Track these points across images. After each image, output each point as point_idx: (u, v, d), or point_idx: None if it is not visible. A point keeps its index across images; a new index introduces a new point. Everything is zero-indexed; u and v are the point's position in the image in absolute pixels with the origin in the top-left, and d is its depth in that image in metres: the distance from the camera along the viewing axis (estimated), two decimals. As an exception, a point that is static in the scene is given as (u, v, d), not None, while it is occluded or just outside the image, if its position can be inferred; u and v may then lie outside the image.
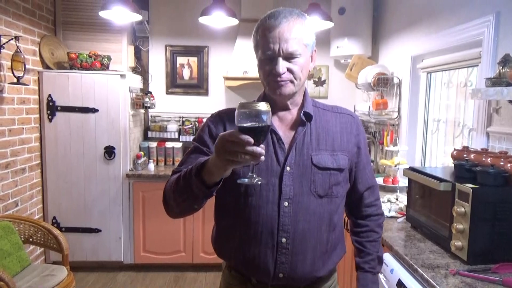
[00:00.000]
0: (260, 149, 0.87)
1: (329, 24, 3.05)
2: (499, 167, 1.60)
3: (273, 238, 1.13)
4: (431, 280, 1.42)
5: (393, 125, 3.20)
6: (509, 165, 1.58)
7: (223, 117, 1.23)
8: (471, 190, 1.51)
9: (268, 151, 1.14)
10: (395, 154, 2.97)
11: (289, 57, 1.09)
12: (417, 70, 2.96)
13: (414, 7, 2.93)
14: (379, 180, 2.91)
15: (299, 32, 1.10)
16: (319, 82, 4.07)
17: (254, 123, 0.87)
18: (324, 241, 1.18)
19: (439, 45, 2.56)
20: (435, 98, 2.90)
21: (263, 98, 1.23)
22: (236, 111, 0.89)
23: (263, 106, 0.88)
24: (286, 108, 1.20)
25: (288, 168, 1.14)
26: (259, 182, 0.96)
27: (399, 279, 1.61)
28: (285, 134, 1.18)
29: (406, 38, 3.07)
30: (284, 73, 1.10)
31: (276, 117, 1.19)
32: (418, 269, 1.52)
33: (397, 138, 3.09)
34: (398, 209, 2.29)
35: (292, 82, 1.12)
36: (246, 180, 0.95)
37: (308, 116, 1.19)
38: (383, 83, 3.15)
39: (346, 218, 1.43)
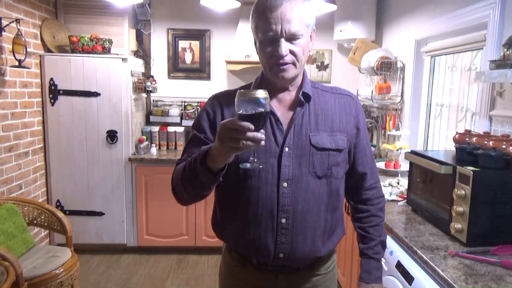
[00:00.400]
0: (261, 134, 0.90)
1: (332, 7, 3.00)
2: (501, 150, 1.59)
3: (273, 219, 1.14)
4: (430, 262, 1.43)
5: (396, 109, 3.19)
6: (511, 148, 1.57)
7: (220, 99, 1.23)
8: (472, 172, 1.51)
9: (266, 132, 1.14)
10: (397, 138, 2.96)
11: (291, 38, 1.07)
12: (421, 54, 2.92)
13: (419, -11, 2.88)
14: (381, 165, 2.91)
15: (301, 11, 1.08)
16: (322, 67, 4.04)
17: (253, 110, 0.90)
18: (323, 221, 1.19)
19: (444, 28, 2.52)
20: (438, 82, 2.87)
21: (261, 80, 1.22)
22: (235, 99, 0.92)
23: (261, 93, 0.91)
24: (285, 89, 1.19)
25: (286, 149, 1.14)
26: (261, 166, 1.02)
27: (398, 260, 1.62)
28: (284, 115, 1.18)
29: (410, 21, 3.03)
30: (286, 55, 1.08)
31: (274, 98, 1.19)
32: (418, 251, 1.53)
33: (399, 123, 3.07)
34: (399, 193, 2.29)
35: (294, 64, 1.11)
36: (248, 165, 1.01)
37: (307, 97, 1.18)
38: (386, 67, 3.12)
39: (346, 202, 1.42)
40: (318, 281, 1.24)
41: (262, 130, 0.92)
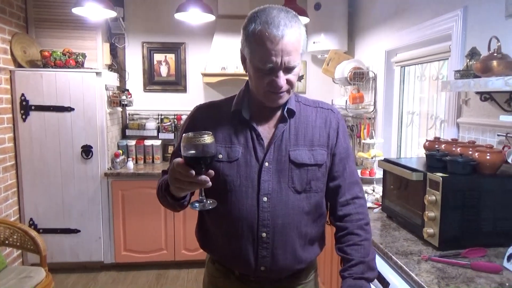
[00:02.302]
0: (204, 177, 0.95)
1: (305, 20, 3.08)
2: (467, 156, 1.66)
3: (253, 233, 1.15)
4: (404, 266, 1.47)
5: (370, 118, 3.27)
6: (476, 154, 1.64)
7: (203, 110, 1.26)
8: (441, 178, 1.56)
9: (247, 147, 1.16)
10: (371, 146, 3.04)
11: (289, 68, 1.08)
12: (391, 64, 3.02)
13: (388, 2, 2.99)
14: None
15: (299, 42, 1.08)
16: (298, 78, 4.10)
17: (198, 153, 0.94)
18: (304, 235, 1.20)
19: (412, 39, 2.62)
20: (409, 91, 2.97)
21: (244, 94, 1.22)
22: (182, 141, 0.96)
23: (206, 138, 0.95)
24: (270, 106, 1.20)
25: (266, 164, 1.15)
26: (210, 207, 1.03)
27: (375, 267, 1.65)
28: (266, 130, 1.19)
29: (380, 33, 3.13)
30: (283, 85, 1.09)
31: (258, 113, 1.20)
32: (392, 256, 1.57)
33: (373, 131, 3.15)
34: (374, 200, 2.35)
35: (288, 91, 1.13)
36: (197, 206, 1.03)
37: (291, 113, 1.19)
38: (359, 77, 3.20)
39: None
40: None
41: (210, 171, 0.97)
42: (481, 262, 1.46)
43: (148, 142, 3.80)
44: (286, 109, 1.19)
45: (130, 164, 3.54)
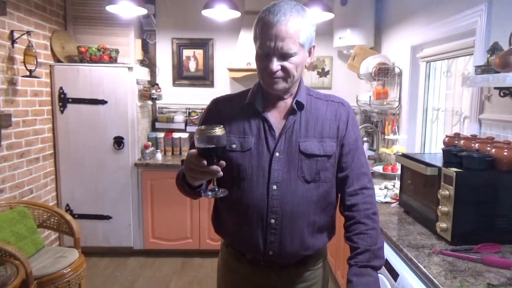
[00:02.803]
0: (216, 167, 1.03)
1: (329, 15, 3.10)
2: (484, 152, 1.66)
3: (263, 219, 1.22)
4: (414, 259, 1.50)
5: (394, 114, 3.25)
6: (494, 150, 1.64)
7: (220, 103, 1.34)
8: (454, 173, 1.57)
9: (260, 137, 1.23)
10: (394, 142, 3.02)
11: (284, 55, 1.13)
12: (417, 59, 2.99)
13: (414, -3, 2.95)
14: (379, 168, 2.97)
15: (296, 30, 1.12)
16: (323, 73, 4.12)
17: (210, 145, 1.02)
18: (312, 223, 1.25)
19: (437, 34, 2.59)
20: (434, 87, 2.93)
21: (258, 86, 1.30)
22: (195, 134, 1.04)
23: (218, 131, 1.03)
24: (281, 97, 1.26)
25: (277, 154, 1.22)
26: (222, 195, 1.12)
27: (386, 258, 1.68)
28: (277, 121, 1.25)
29: (406, 28, 3.10)
30: (277, 71, 1.15)
31: (271, 105, 1.27)
32: (404, 249, 1.60)
33: (397, 127, 3.14)
34: (393, 195, 2.36)
35: (285, 79, 1.18)
36: (210, 194, 1.12)
37: (300, 105, 1.25)
38: (383, 73, 3.19)
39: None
40: (308, 276, 1.32)
41: (222, 162, 1.05)
42: (492, 257, 1.46)
43: (176, 135, 3.94)
44: (295, 101, 1.24)
45: (159, 156, 3.70)
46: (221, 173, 1.04)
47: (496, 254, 1.53)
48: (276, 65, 1.14)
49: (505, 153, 1.60)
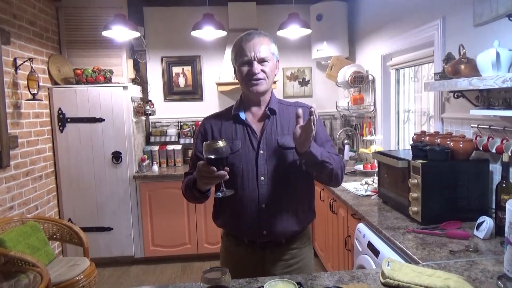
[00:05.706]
0: (223, 172, 1.29)
1: (307, 31, 3.42)
2: (444, 145, 1.97)
3: (256, 205, 1.51)
4: (391, 238, 1.79)
5: (370, 117, 3.58)
6: (452, 143, 1.95)
7: (210, 121, 1.62)
8: (421, 164, 1.88)
9: (245, 140, 1.53)
10: (372, 143, 3.34)
11: (261, 61, 1.45)
12: (387, 67, 3.34)
13: (382, 12, 3.31)
14: (360, 167, 3.28)
15: (268, 42, 1.49)
16: (304, 82, 4.44)
17: (216, 155, 1.28)
18: (295, 205, 1.54)
19: (403, 45, 2.94)
20: (404, 91, 3.28)
21: (240, 101, 1.59)
22: (203, 148, 1.30)
23: (221, 143, 1.29)
24: (258, 105, 1.57)
25: (261, 152, 1.51)
26: (229, 194, 1.40)
27: (369, 241, 1.98)
28: (257, 125, 1.55)
29: (377, 39, 3.45)
30: (259, 72, 1.46)
31: (250, 113, 1.57)
32: (383, 231, 1.89)
33: (373, 129, 3.46)
34: (373, 189, 2.66)
35: (265, 80, 1.48)
36: (220, 194, 1.40)
37: (272, 111, 1.56)
38: (359, 80, 3.52)
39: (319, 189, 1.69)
40: (296, 253, 1.60)
41: (226, 168, 1.31)
42: (454, 231, 1.77)
43: (170, 147, 4.18)
44: (268, 108, 1.55)
45: (155, 167, 3.93)
46: (227, 176, 1.32)
47: (459, 229, 1.83)
48: (257, 68, 1.46)
49: (461, 145, 1.93)
